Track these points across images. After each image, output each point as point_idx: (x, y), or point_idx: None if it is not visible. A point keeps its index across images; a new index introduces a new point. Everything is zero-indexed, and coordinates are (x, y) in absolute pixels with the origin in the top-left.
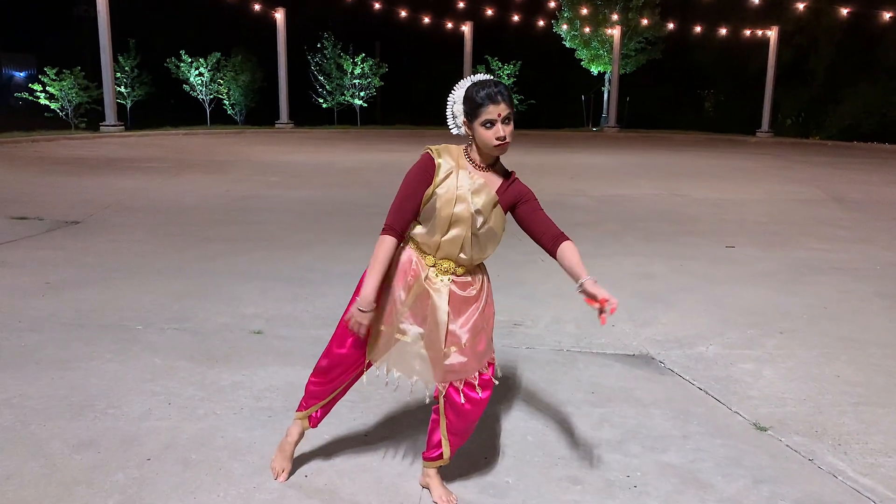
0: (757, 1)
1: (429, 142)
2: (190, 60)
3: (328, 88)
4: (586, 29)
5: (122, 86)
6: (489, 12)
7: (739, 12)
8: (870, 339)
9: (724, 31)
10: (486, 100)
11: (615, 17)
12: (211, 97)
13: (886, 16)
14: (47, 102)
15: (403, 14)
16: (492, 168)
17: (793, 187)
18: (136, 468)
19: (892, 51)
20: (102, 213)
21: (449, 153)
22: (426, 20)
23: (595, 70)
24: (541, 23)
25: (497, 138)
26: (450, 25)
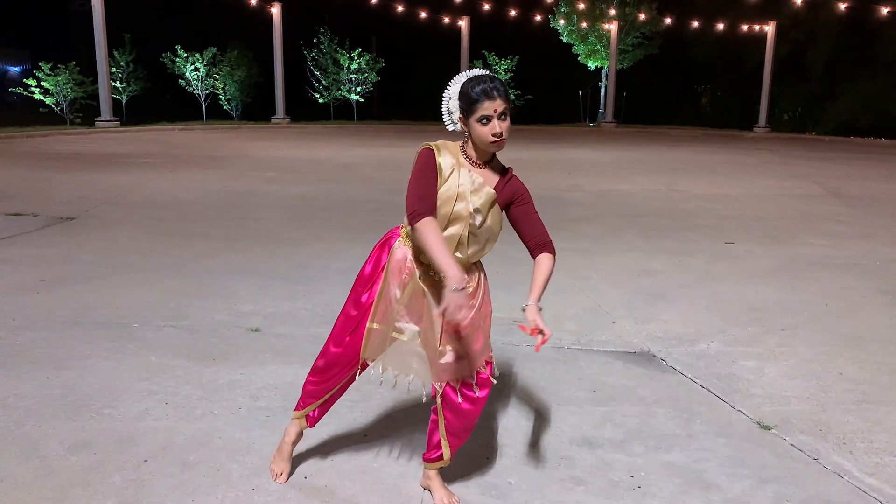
0: None
1: (426, 137)
2: (186, 55)
3: (324, 84)
4: (583, 24)
5: (118, 81)
6: (486, 7)
7: (737, 7)
8: (872, 336)
9: (722, 27)
10: (482, 95)
11: (612, 12)
12: (207, 92)
13: (884, 11)
14: (42, 98)
15: (400, 9)
16: (488, 164)
17: (791, 183)
18: (134, 469)
19: (890, 46)
20: (98, 210)
21: (448, 150)
22: (423, 15)
23: (592, 65)
24: (538, 18)
25: (493, 134)
26: (446, 20)
